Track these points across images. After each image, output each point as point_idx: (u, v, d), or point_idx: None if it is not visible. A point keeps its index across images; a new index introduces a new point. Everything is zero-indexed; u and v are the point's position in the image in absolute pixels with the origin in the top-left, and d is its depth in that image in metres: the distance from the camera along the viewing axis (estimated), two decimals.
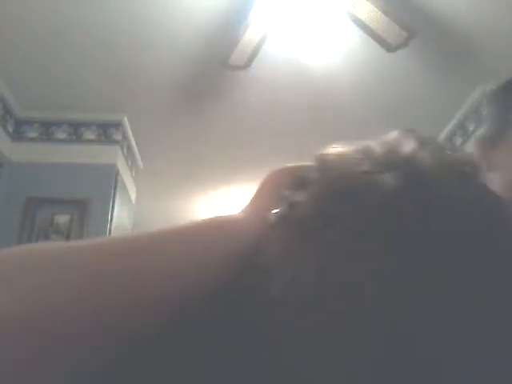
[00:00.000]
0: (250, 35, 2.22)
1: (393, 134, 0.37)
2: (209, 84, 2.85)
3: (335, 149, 0.34)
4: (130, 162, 3.47)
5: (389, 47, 2.27)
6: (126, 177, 3.39)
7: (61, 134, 3.11)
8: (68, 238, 2.83)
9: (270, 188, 0.37)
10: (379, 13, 2.09)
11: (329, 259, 0.26)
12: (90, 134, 3.13)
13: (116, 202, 3.05)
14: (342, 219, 0.27)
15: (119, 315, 0.26)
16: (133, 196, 3.68)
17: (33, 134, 3.09)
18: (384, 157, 0.32)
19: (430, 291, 0.25)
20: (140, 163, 3.70)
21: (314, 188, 0.31)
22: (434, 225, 0.27)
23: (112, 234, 2.93)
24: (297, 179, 0.33)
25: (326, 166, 0.32)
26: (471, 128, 3.10)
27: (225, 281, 0.30)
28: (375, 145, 0.35)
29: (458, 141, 3.27)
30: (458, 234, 0.27)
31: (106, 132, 3.15)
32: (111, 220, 2.96)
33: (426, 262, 0.26)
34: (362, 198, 0.28)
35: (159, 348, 0.28)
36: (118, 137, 3.15)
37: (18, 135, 3.06)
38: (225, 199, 4.19)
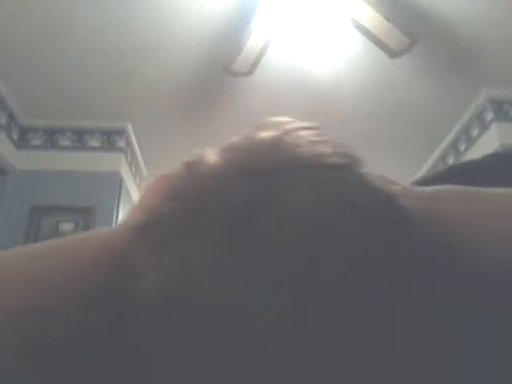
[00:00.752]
0: (253, 42, 2.22)
1: (257, 127, 0.36)
2: (212, 90, 2.86)
3: (202, 153, 0.35)
4: (133, 169, 3.48)
5: (391, 53, 2.27)
6: (130, 184, 3.40)
7: (65, 142, 3.13)
8: None
9: (146, 199, 0.37)
10: (381, 19, 2.10)
11: (179, 272, 0.27)
12: (93, 142, 3.15)
13: (120, 208, 3.06)
14: (189, 230, 0.28)
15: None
16: None
17: (37, 142, 3.11)
18: (243, 156, 0.32)
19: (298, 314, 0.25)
20: (144, 170, 3.71)
21: (176, 199, 0.31)
22: (288, 230, 0.27)
23: None
24: (170, 188, 0.33)
25: (187, 173, 0.33)
26: (475, 134, 3.09)
27: (96, 288, 0.31)
28: (240, 142, 0.35)
29: (462, 147, 3.26)
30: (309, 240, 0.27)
31: (110, 139, 3.16)
32: None
33: (280, 272, 0.26)
34: (207, 208, 0.29)
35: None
36: (122, 144, 3.16)
37: (22, 143, 3.08)
38: None
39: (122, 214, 3.11)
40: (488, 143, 2.92)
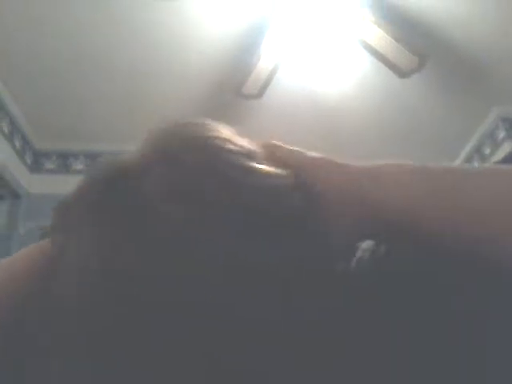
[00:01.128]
0: (263, 64, 2.25)
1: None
2: (222, 113, 2.87)
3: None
4: None
5: (401, 73, 2.28)
6: None
7: (78, 166, 3.16)
8: None
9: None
10: (390, 39, 2.11)
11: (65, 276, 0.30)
12: None
13: None
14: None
15: None
16: None
17: (51, 166, 3.14)
18: (149, 146, 0.36)
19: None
20: None
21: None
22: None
23: None
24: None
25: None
26: (487, 152, 3.07)
27: (26, 289, 0.35)
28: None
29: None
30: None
31: None
32: None
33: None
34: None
35: None
36: None
37: (36, 167, 3.11)
38: None
39: None
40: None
